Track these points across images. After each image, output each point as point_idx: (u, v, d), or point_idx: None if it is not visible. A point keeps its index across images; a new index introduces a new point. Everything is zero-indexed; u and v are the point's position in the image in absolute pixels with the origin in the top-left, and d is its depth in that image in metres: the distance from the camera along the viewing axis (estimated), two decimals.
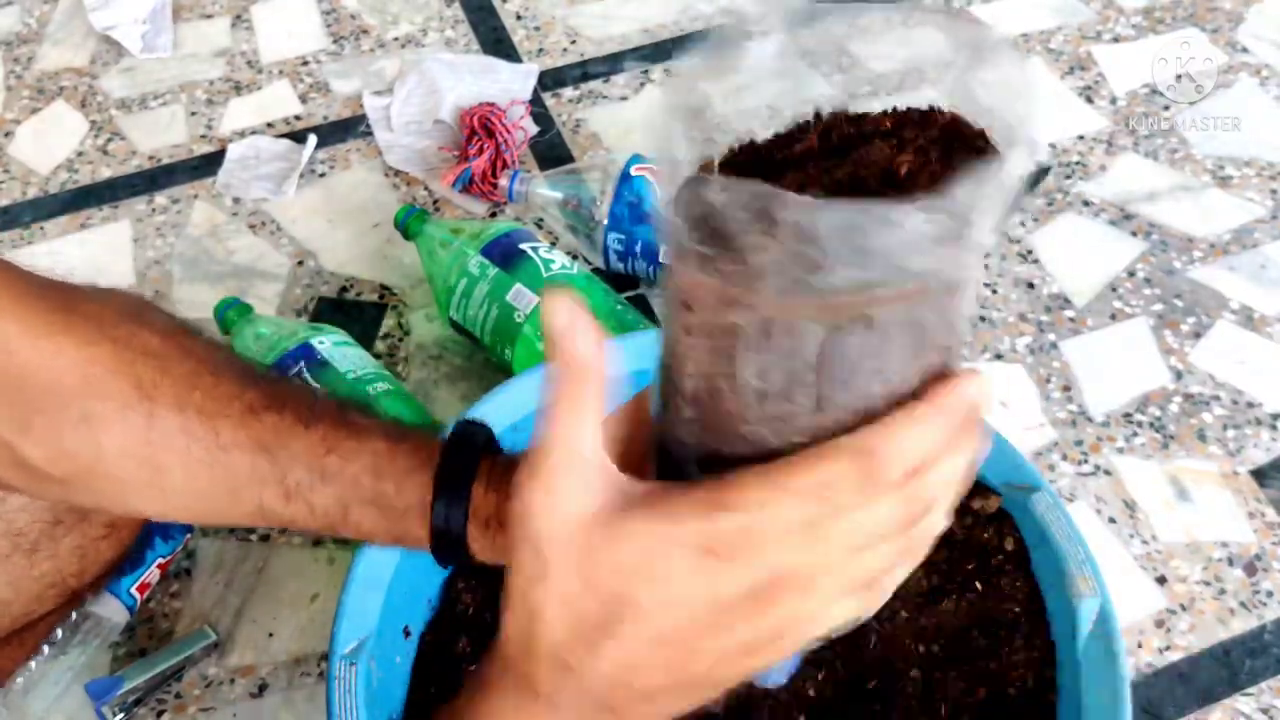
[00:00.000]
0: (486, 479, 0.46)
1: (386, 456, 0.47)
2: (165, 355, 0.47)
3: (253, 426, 0.46)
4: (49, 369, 0.45)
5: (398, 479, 0.46)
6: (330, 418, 0.48)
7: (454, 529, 0.46)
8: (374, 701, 0.57)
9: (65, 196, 1.04)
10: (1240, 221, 0.98)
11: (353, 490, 0.47)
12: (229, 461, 0.46)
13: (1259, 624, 0.75)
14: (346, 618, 0.59)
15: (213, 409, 0.46)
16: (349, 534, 0.48)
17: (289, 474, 0.46)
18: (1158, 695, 0.72)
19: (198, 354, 0.48)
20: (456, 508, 0.46)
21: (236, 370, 0.48)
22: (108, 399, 0.46)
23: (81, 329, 0.46)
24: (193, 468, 0.46)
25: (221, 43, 1.18)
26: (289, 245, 0.99)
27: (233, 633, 0.75)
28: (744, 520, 0.32)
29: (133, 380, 0.46)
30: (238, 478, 0.47)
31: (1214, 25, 1.16)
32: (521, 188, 0.94)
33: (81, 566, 0.66)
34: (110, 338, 0.46)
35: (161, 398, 0.46)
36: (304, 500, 0.47)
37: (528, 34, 1.17)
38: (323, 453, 0.47)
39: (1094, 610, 0.59)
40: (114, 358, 0.46)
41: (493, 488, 0.46)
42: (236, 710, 0.72)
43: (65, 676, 0.72)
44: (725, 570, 0.32)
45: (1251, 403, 0.86)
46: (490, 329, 0.84)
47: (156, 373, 0.46)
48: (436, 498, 0.46)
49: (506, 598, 0.35)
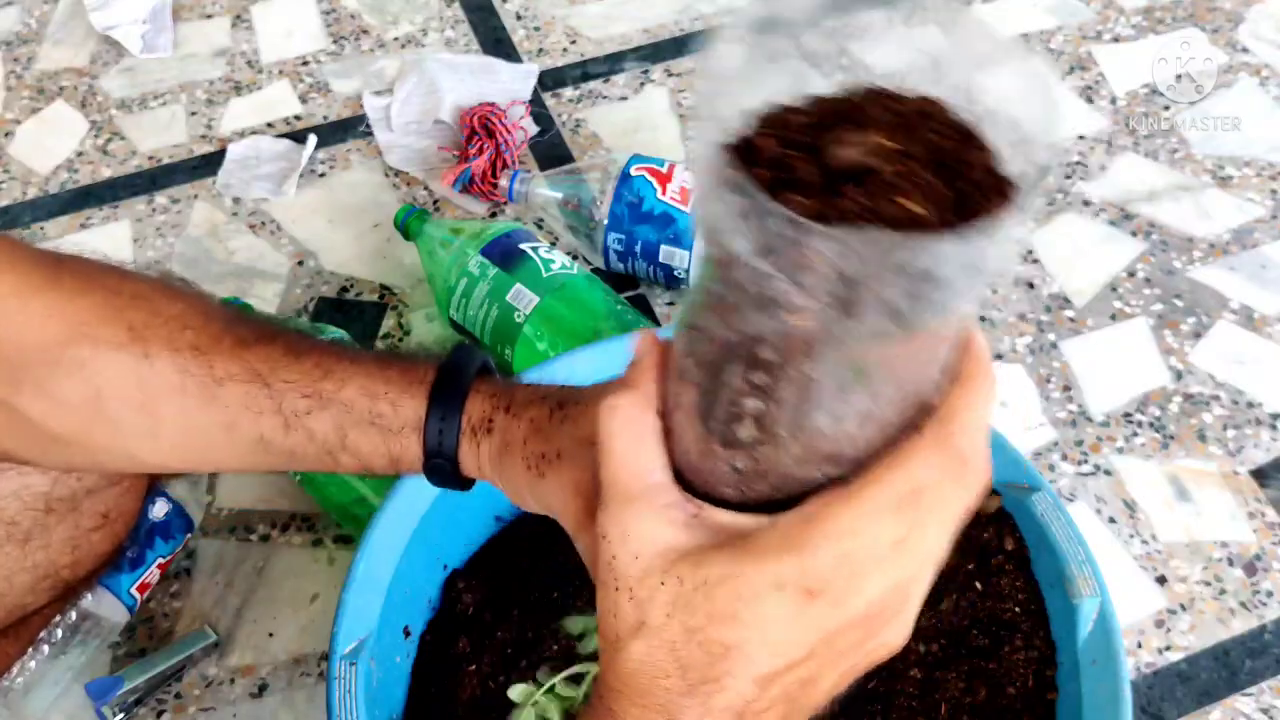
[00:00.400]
0: (484, 393, 0.47)
1: (381, 376, 0.47)
2: (154, 298, 0.48)
3: (245, 358, 0.47)
4: (40, 327, 0.46)
5: (394, 397, 0.47)
6: (321, 347, 0.48)
7: (446, 442, 0.46)
8: (374, 701, 0.57)
9: (65, 196, 1.04)
10: (1240, 221, 0.99)
11: (349, 413, 0.47)
12: (225, 395, 0.47)
13: (1259, 624, 0.75)
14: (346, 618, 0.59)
15: (206, 345, 0.47)
16: (348, 461, 0.48)
17: (285, 401, 0.47)
18: (1158, 695, 0.72)
19: (186, 298, 0.49)
20: (450, 420, 0.46)
21: (225, 311, 0.49)
22: (100, 344, 0.46)
23: (70, 283, 0.47)
24: (189, 406, 0.47)
25: (221, 43, 1.18)
26: (289, 245, 0.99)
27: (233, 633, 0.75)
28: (840, 549, 0.31)
29: (124, 324, 0.46)
30: (234, 411, 0.47)
31: (1214, 25, 1.16)
32: (521, 188, 0.94)
33: (75, 558, 0.66)
34: (100, 285, 0.47)
35: (154, 338, 0.46)
36: (303, 427, 0.47)
37: (528, 34, 1.17)
38: (318, 377, 0.47)
39: (1094, 610, 0.59)
40: (105, 304, 0.47)
41: (487, 400, 0.46)
42: (236, 710, 0.72)
43: (65, 676, 0.72)
44: (829, 607, 0.31)
45: (1251, 403, 0.86)
46: (490, 329, 0.84)
47: (148, 314, 0.47)
48: (431, 411, 0.46)
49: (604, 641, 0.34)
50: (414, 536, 0.62)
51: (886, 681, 0.63)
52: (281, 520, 0.80)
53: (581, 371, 0.69)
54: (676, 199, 0.88)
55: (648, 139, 1.06)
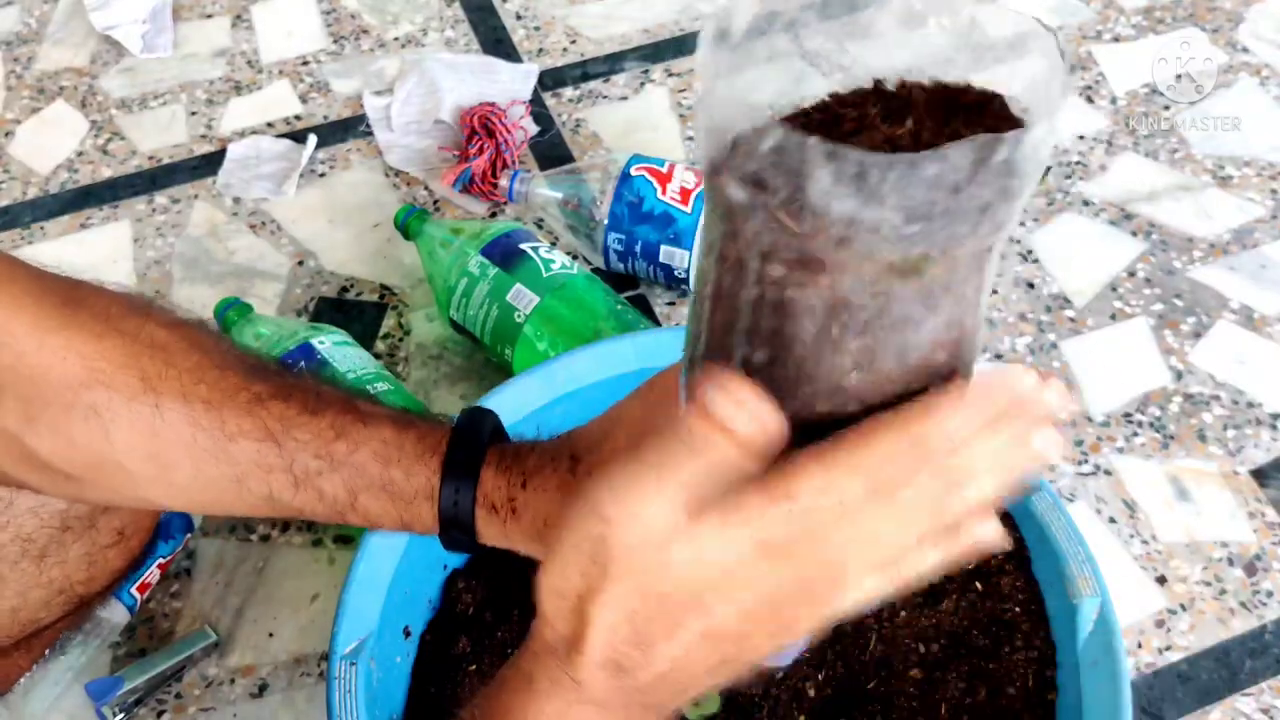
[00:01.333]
0: (496, 465, 0.47)
1: (395, 443, 0.47)
2: (170, 348, 0.47)
3: (259, 415, 0.47)
4: (56, 364, 0.46)
5: (406, 465, 0.47)
6: (337, 406, 0.48)
7: (462, 514, 0.46)
8: (374, 701, 0.57)
9: (65, 196, 1.04)
10: (1240, 221, 0.98)
11: (361, 476, 0.47)
12: (236, 451, 0.47)
13: (1259, 624, 0.75)
14: (346, 618, 0.59)
15: (219, 400, 0.47)
16: (357, 521, 0.48)
17: (296, 461, 0.47)
18: (1158, 695, 0.72)
19: (204, 346, 0.48)
20: (465, 492, 0.46)
21: (242, 363, 0.49)
22: (114, 392, 0.46)
23: (88, 324, 0.47)
24: (200, 458, 0.47)
25: (222, 42, 1.18)
26: (289, 245, 0.99)
27: (233, 633, 0.75)
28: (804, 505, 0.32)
29: (138, 373, 0.46)
30: (245, 467, 0.47)
31: (1214, 25, 1.16)
32: (521, 188, 0.94)
33: (90, 574, 0.66)
34: (117, 330, 0.47)
35: (167, 390, 0.46)
36: (313, 487, 0.47)
37: (528, 34, 1.17)
38: (330, 438, 0.47)
39: (1094, 610, 0.59)
40: (120, 351, 0.46)
41: (502, 473, 0.46)
42: (236, 710, 0.72)
43: (65, 676, 0.72)
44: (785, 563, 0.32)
45: (1252, 403, 0.86)
46: (490, 329, 0.84)
47: (162, 365, 0.47)
48: (445, 483, 0.46)
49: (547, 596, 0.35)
50: (414, 536, 0.62)
51: (886, 682, 0.63)
52: (281, 520, 0.80)
53: (582, 371, 0.69)
54: (676, 199, 0.88)
55: (648, 139, 1.06)
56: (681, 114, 1.08)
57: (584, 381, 0.69)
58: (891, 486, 0.32)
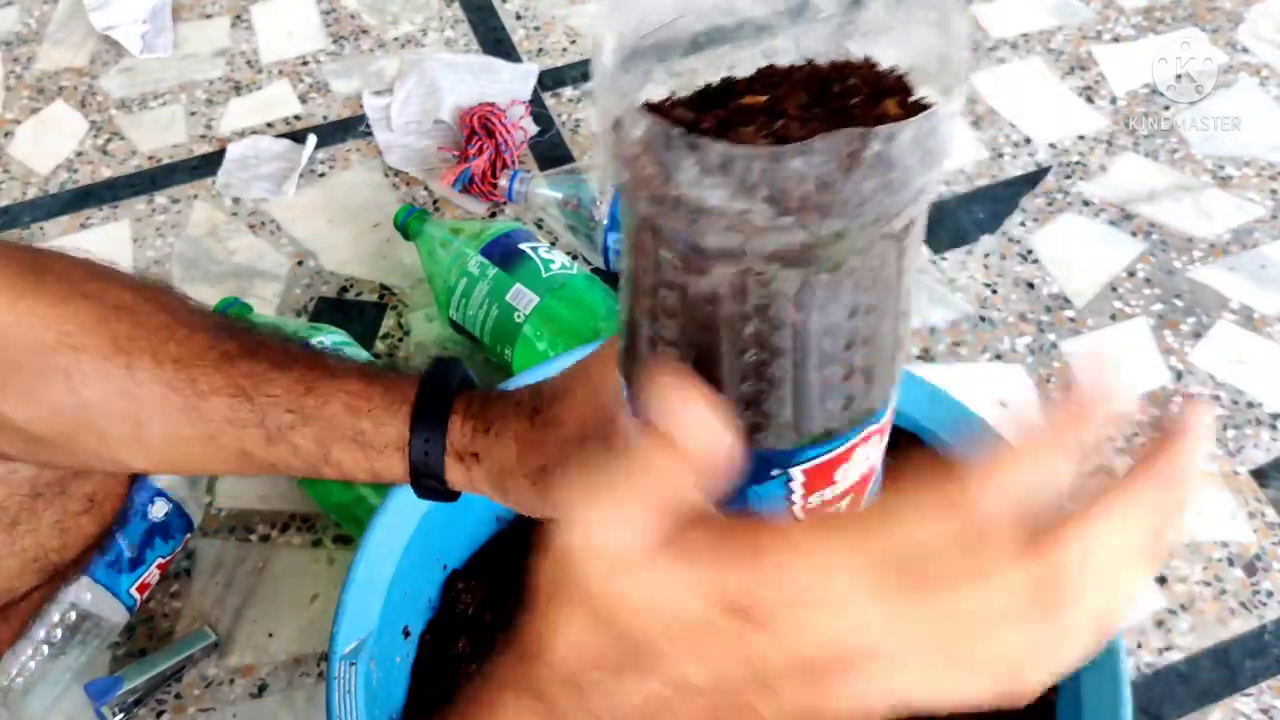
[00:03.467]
0: (464, 413, 0.47)
1: (363, 394, 0.47)
2: (137, 309, 0.48)
3: (229, 373, 0.47)
4: (25, 329, 0.46)
5: (376, 415, 0.47)
6: (304, 361, 0.48)
7: (433, 463, 0.47)
8: (374, 701, 0.57)
9: (65, 196, 1.04)
10: (1240, 221, 0.98)
11: (332, 429, 0.47)
12: (208, 409, 0.47)
13: (1259, 624, 0.75)
14: (346, 618, 0.59)
15: (188, 358, 0.47)
16: (331, 474, 0.49)
17: (268, 416, 0.47)
18: (1157, 695, 0.72)
19: (170, 308, 0.49)
20: (435, 442, 0.46)
21: (208, 321, 0.49)
22: (84, 354, 0.46)
23: (54, 288, 0.47)
24: (172, 417, 0.47)
25: (221, 43, 1.18)
26: (289, 245, 0.99)
27: (233, 633, 0.75)
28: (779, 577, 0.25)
29: (108, 335, 0.46)
30: (218, 424, 0.47)
31: (1214, 25, 1.16)
32: (521, 188, 0.94)
33: (63, 541, 0.67)
34: (83, 294, 0.47)
35: (137, 350, 0.46)
36: (286, 441, 0.47)
37: (528, 34, 1.17)
38: (300, 392, 0.47)
39: None
40: (89, 314, 0.47)
41: (469, 421, 0.47)
42: (236, 710, 0.72)
43: (65, 677, 0.72)
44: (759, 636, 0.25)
45: (1252, 403, 0.86)
46: (490, 329, 0.84)
47: (130, 326, 0.47)
48: (414, 432, 0.46)
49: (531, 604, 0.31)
50: (414, 536, 0.62)
51: None
52: (281, 520, 0.80)
53: None
54: None
55: None
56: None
57: None
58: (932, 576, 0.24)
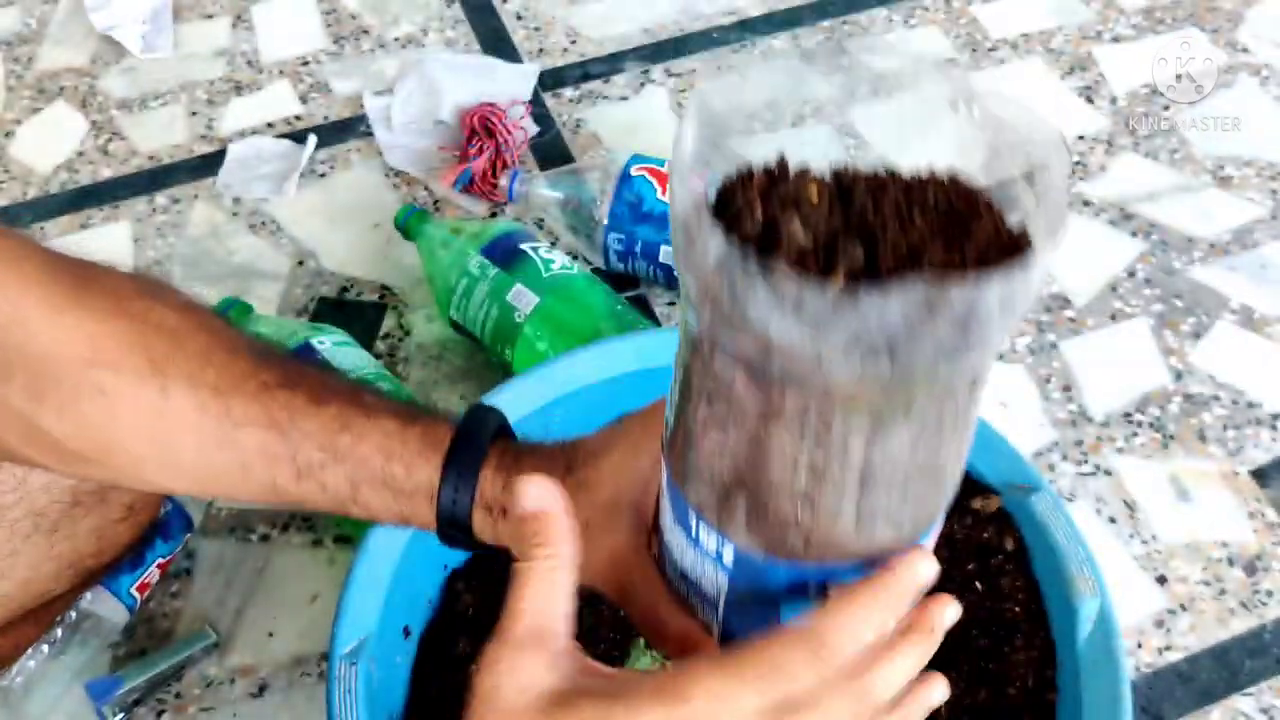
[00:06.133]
0: (495, 465, 0.47)
1: (398, 437, 0.47)
2: (180, 331, 0.47)
3: (266, 403, 0.46)
4: (65, 343, 0.46)
5: (408, 460, 0.47)
6: (343, 397, 0.48)
7: (460, 513, 0.46)
8: (374, 702, 0.57)
9: (65, 197, 1.04)
10: (1240, 221, 0.98)
11: (363, 470, 0.47)
12: (241, 438, 0.46)
13: (1259, 624, 0.75)
14: (346, 618, 0.59)
15: (226, 386, 0.46)
16: (357, 513, 0.48)
17: (300, 452, 0.47)
18: (1157, 695, 0.72)
19: (212, 330, 0.48)
20: (464, 492, 0.46)
21: (251, 349, 0.48)
22: (120, 373, 0.46)
23: (98, 304, 0.47)
24: (205, 443, 0.47)
25: (222, 43, 1.18)
26: (289, 245, 0.99)
27: (233, 633, 0.75)
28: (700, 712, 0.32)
29: (146, 356, 0.46)
30: (249, 454, 0.47)
31: (1214, 25, 1.16)
32: (521, 188, 0.94)
33: (99, 548, 0.67)
34: (126, 313, 0.47)
35: (174, 373, 0.46)
36: (315, 479, 0.47)
37: (528, 34, 1.17)
38: (335, 430, 0.47)
39: (1094, 610, 0.59)
40: (129, 332, 0.46)
41: (500, 473, 0.46)
42: (236, 710, 0.72)
43: (65, 676, 0.72)
44: None
45: (1252, 403, 0.86)
46: (490, 329, 0.84)
47: (170, 347, 0.46)
48: (445, 481, 0.46)
49: None
50: (414, 536, 0.62)
51: None
52: (281, 520, 0.80)
53: (582, 372, 0.69)
54: None
55: (648, 139, 1.06)
56: (681, 114, 1.08)
57: (584, 381, 0.69)
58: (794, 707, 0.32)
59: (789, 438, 0.29)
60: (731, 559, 0.35)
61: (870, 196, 0.29)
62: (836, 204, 0.29)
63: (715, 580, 0.37)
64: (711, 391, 0.31)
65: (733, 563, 0.35)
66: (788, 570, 0.34)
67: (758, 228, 0.28)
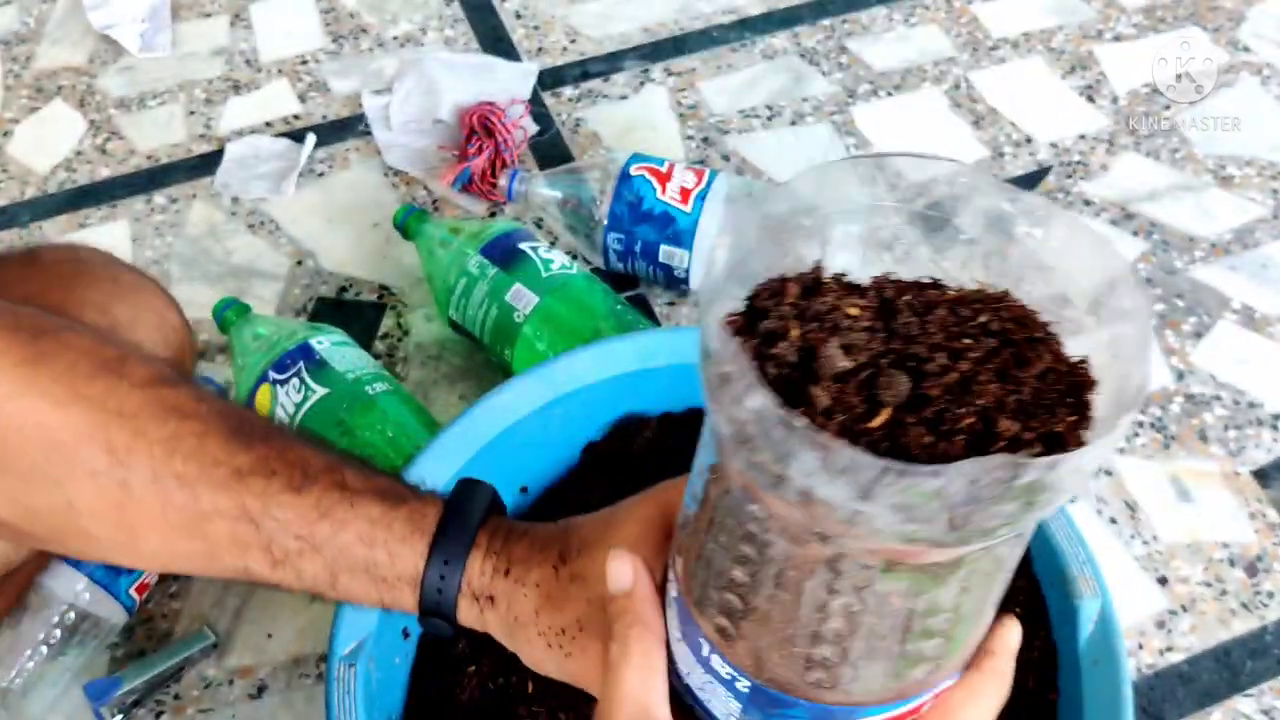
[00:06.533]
0: (485, 549, 0.45)
1: (382, 523, 0.45)
2: (142, 416, 0.44)
3: (237, 492, 0.44)
4: (17, 432, 0.43)
5: (392, 548, 0.44)
6: (324, 480, 0.45)
7: (445, 604, 0.44)
8: (373, 703, 0.57)
9: (63, 196, 1.04)
10: (1241, 221, 0.98)
11: (343, 558, 0.45)
12: (209, 529, 0.44)
13: (1260, 625, 0.75)
14: (345, 619, 0.58)
15: (194, 475, 0.44)
16: (336, 598, 0.46)
17: (275, 541, 0.44)
18: (1158, 696, 0.72)
19: (181, 411, 0.45)
20: (450, 580, 0.44)
21: (224, 427, 0.45)
22: (77, 465, 0.43)
23: (50, 389, 0.44)
24: (170, 533, 0.44)
25: (220, 42, 1.18)
26: (288, 245, 0.99)
27: (231, 634, 0.75)
28: None
29: (104, 445, 0.43)
30: (219, 544, 0.45)
31: (1215, 24, 1.16)
32: (521, 187, 0.94)
33: None
34: (83, 397, 0.44)
35: (136, 464, 0.43)
36: (291, 566, 0.45)
37: (527, 33, 1.17)
38: (314, 519, 0.44)
39: (1095, 611, 0.59)
40: (86, 420, 0.43)
41: (489, 559, 0.44)
42: (235, 711, 0.72)
43: (64, 677, 0.72)
44: None
45: (1253, 403, 0.86)
46: (490, 329, 0.83)
47: (131, 437, 0.43)
48: (429, 570, 0.44)
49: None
50: None
51: None
52: None
53: (582, 372, 0.69)
54: (676, 199, 0.88)
55: (647, 138, 1.06)
56: (681, 114, 1.08)
57: (584, 381, 0.69)
58: None
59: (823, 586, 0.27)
60: (748, 689, 0.33)
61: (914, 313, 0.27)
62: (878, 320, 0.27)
63: (726, 705, 0.35)
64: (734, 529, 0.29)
65: (749, 692, 0.33)
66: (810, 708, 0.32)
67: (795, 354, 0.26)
